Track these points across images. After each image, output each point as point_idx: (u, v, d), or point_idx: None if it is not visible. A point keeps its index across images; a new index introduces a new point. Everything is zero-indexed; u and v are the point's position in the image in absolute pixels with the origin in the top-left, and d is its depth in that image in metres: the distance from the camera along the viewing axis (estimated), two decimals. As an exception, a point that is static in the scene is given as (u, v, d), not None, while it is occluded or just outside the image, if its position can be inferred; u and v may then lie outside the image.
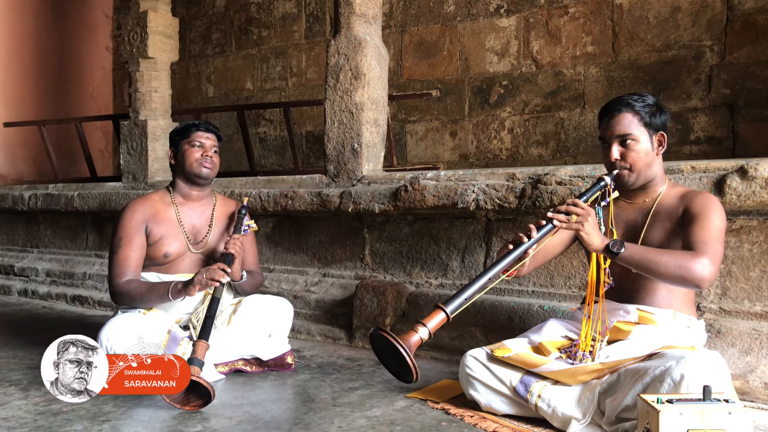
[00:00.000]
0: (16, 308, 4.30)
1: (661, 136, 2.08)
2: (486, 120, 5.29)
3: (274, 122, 6.46)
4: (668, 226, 2.05)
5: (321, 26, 6.12)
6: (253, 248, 2.86)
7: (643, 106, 2.05)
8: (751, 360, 2.23)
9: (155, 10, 4.50)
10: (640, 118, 2.04)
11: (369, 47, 3.38)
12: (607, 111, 2.09)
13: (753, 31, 4.24)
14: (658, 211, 2.08)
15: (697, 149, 4.42)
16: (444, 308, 1.84)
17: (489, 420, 2.02)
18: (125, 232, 2.59)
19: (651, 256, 1.90)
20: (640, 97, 2.08)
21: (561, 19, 4.92)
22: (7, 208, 5.19)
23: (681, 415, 1.58)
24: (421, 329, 1.80)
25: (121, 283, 2.53)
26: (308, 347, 3.13)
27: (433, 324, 1.82)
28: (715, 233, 1.94)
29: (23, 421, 2.00)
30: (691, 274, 1.86)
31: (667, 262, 1.88)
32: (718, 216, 1.97)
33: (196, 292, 2.42)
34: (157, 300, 2.50)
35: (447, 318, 1.85)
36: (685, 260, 1.87)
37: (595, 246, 1.93)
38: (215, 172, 2.71)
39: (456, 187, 2.96)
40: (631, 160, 2.04)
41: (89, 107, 7.23)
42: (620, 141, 2.05)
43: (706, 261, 1.87)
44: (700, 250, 1.90)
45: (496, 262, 1.95)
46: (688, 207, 2.01)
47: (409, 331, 1.80)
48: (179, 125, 2.76)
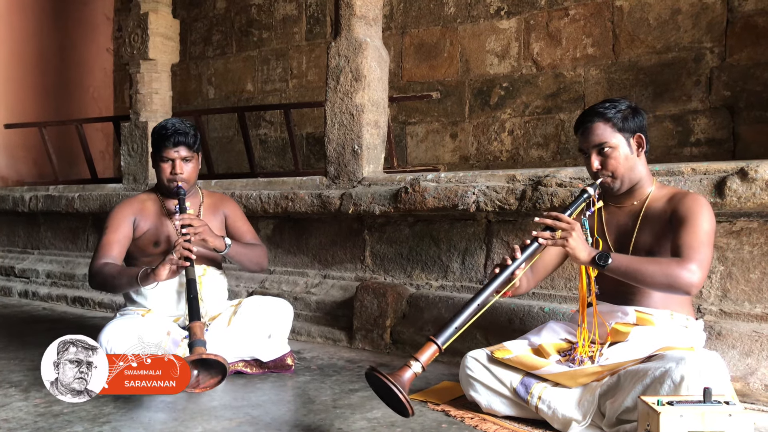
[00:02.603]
0: (17, 309, 4.30)
1: (639, 138, 2.07)
2: (486, 122, 5.29)
3: (275, 124, 6.46)
4: (658, 229, 2.05)
5: (321, 28, 6.12)
6: (246, 223, 2.85)
7: (615, 112, 2.05)
8: (751, 362, 2.23)
9: (156, 11, 4.50)
10: (612, 124, 2.04)
11: (369, 49, 3.39)
12: (580, 124, 2.10)
13: (753, 33, 4.24)
14: (647, 214, 2.07)
15: (697, 151, 4.42)
16: (435, 341, 1.86)
17: (489, 422, 2.02)
18: (112, 222, 2.61)
19: (637, 266, 1.90)
20: (612, 103, 2.08)
21: (561, 21, 4.93)
22: (8, 209, 5.19)
23: (681, 417, 1.58)
24: (414, 364, 1.82)
25: (99, 264, 2.52)
26: (308, 349, 3.13)
27: (425, 357, 1.84)
28: (703, 237, 1.93)
29: (24, 422, 2.01)
30: (678, 281, 1.87)
31: (654, 271, 1.88)
32: (706, 218, 1.96)
33: (166, 273, 2.32)
34: (126, 284, 2.46)
35: (439, 350, 1.87)
36: (672, 268, 1.88)
37: (582, 259, 1.93)
38: (192, 179, 2.64)
39: (456, 189, 2.97)
40: (612, 167, 2.04)
41: (90, 109, 7.23)
42: (597, 151, 2.05)
43: (694, 267, 1.87)
44: (687, 255, 1.89)
45: (485, 287, 1.95)
46: (675, 210, 2.01)
47: (402, 367, 1.82)
48: (155, 128, 2.65)
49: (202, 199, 2.78)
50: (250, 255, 2.73)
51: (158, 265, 2.35)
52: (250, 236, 2.82)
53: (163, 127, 2.60)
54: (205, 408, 2.16)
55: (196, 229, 2.44)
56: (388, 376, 1.73)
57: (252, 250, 2.75)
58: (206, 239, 2.49)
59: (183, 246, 2.34)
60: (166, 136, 2.56)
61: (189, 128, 2.60)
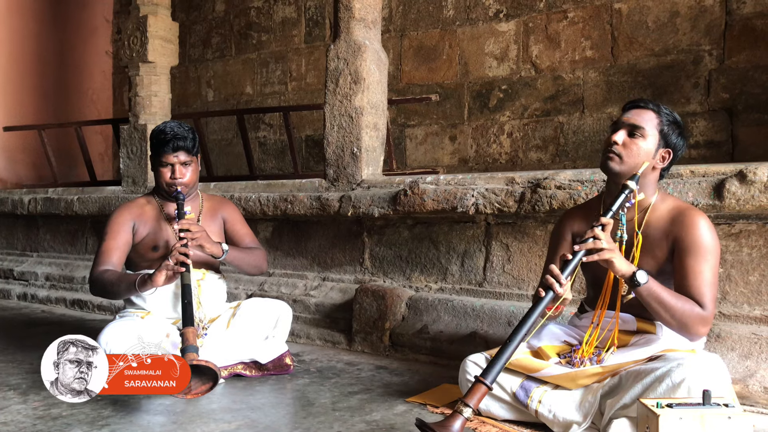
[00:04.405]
0: (16, 312, 4.30)
1: (666, 153, 2.02)
2: (485, 124, 5.30)
3: (274, 126, 6.47)
4: (658, 253, 2.01)
5: (321, 31, 6.13)
6: (245, 226, 2.84)
7: (668, 115, 2.03)
8: (750, 364, 2.23)
9: (155, 14, 4.51)
10: (659, 122, 2.01)
11: (368, 52, 3.39)
12: (635, 104, 2.06)
13: (752, 35, 4.25)
14: (647, 233, 2.02)
15: (696, 153, 4.43)
16: (484, 381, 1.79)
17: (488, 424, 2.02)
18: (111, 228, 2.61)
19: (665, 298, 1.88)
20: (672, 112, 2.05)
21: (560, 24, 4.93)
22: (7, 212, 5.19)
23: (681, 420, 1.58)
24: (465, 410, 1.74)
25: (99, 271, 2.52)
26: (308, 351, 3.13)
27: (475, 401, 1.76)
28: (711, 277, 1.93)
29: (22, 425, 2.00)
30: (692, 330, 1.91)
31: (674, 311, 1.89)
32: (712, 251, 1.94)
33: (162, 279, 2.33)
34: (125, 291, 2.47)
35: (489, 389, 1.81)
36: (693, 316, 1.89)
37: (622, 273, 1.90)
38: (192, 182, 2.63)
39: (455, 192, 2.97)
40: (628, 151, 1.99)
41: (89, 111, 7.23)
42: (629, 130, 2.01)
43: (709, 316, 1.91)
44: (703, 304, 1.91)
45: (529, 313, 1.88)
46: (679, 238, 1.96)
47: (452, 414, 1.74)
48: (153, 131, 2.63)
49: (201, 203, 2.78)
50: (249, 259, 2.72)
51: (155, 271, 2.35)
52: (249, 239, 2.81)
53: (161, 131, 2.57)
54: (204, 411, 2.16)
55: (193, 235, 2.43)
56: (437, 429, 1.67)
57: (250, 254, 2.74)
58: (203, 245, 2.48)
59: (179, 251, 2.34)
60: (165, 141, 2.54)
61: (188, 132, 2.58)
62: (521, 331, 1.87)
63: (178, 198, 2.57)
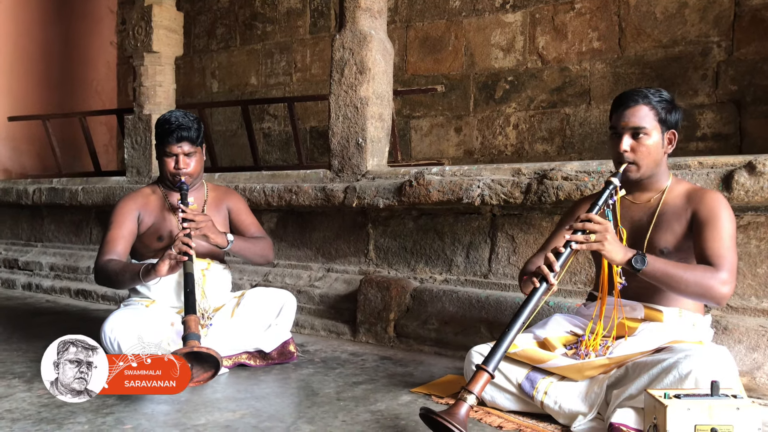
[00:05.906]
0: (20, 302, 4.31)
1: (672, 135, 2.03)
2: (491, 116, 5.27)
3: (279, 117, 6.45)
4: (676, 228, 2.01)
5: (326, 21, 6.10)
6: (250, 216, 2.83)
7: (660, 101, 2.00)
8: (758, 357, 2.21)
9: (160, 4, 4.49)
10: (656, 113, 1.99)
11: (374, 42, 3.37)
12: (623, 101, 2.03)
13: (761, 27, 4.21)
14: (664, 211, 2.03)
15: (703, 146, 4.40)
16: (486, 368, 1.79)
17: (494, 415, 2.01)
18: (116, 218, 2.61)
19: (672, 272, 1.86)
20: (657, 91, 2.02)
21: (567, 15, 4.90)
22: (12, 202, 5.20)
23: (689, 411, 1.57)
24: (469, 397, 1.74)
25: (103, 261, 2.52)
26: (312, 342, 3.13)
27: (478, 388, 1.76)
28: (729, 242, 1.91)
29: (27, 413, 2.00)
30: (712, 293, 1.85)
31: (688, 280, 1.85)
32: (729, 220, 1.94)
33: (166, 268, 2.33)
34: (129, 280, 2.47)
35: (491, 377, 1.80)
36: (706, 278, 1.85)
37: (618, 261, 1.88)
38: (196, 172, 2.62)
39: (461, 183, 2.95)
40: (640, 155, 1.99)
41: (93, 102, 7.23)
42: (632, 133, 2.00)
43: (726, 276, 1.86)
44: (718, 265, 1.87)
45: (525, 304, 1.87)
46: (697, 211, 1.97)
47: (457, 402, 1.74)
48: (158, 120, 2.61)
49: (206, 193, 2.77)
50: (255, 249, 2.72)
51: (158, 261, 2.35)
52: (254, 229, 2.81)
53: (166, 120, 2.56)
54: (208, 400, 2.16)
55: (198, 224, 2.42)
56: (446, 417, 1.65)
57: (256, 243, 2.73)
58: (208, 236, 2.47)
59: (182, 241, 2.34)
60: (169, 131, 2.53)
61: (192, 122, 2.56)
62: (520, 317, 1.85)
63: (182, 188, 2.56)
